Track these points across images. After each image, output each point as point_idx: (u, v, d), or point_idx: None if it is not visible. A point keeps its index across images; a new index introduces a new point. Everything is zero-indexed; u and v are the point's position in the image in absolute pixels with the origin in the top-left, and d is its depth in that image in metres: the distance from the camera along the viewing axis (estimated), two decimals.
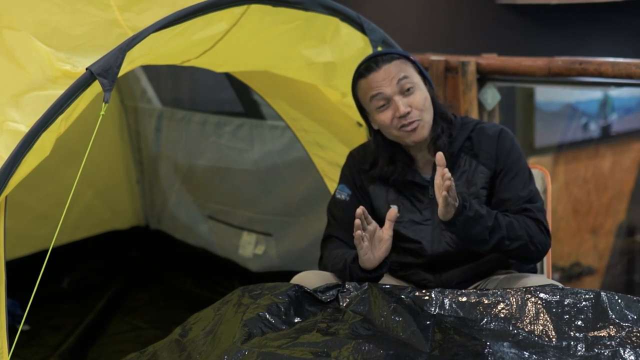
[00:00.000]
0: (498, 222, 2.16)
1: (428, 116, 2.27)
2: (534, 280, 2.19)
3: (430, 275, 2.34)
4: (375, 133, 2.36)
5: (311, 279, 2.26)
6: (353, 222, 2.24)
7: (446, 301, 2.08)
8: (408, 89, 2.25)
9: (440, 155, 2.08)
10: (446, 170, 2.05)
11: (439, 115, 2.31)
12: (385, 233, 2.16)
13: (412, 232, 2.32)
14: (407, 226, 2.33)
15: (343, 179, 2.43)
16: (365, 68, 2.30)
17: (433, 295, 2.10)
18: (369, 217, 2.15)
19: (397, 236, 2.34)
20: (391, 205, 2.29)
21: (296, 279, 2.27)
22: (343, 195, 2.40)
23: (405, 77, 2.25)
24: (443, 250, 2.30)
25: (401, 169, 2.34)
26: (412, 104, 2.24)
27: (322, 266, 2.36)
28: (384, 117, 2.27)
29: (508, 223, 2.17)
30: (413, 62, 2.31)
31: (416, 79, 2.28)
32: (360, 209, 2.11)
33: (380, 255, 2.17)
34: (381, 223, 2.38)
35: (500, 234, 2.15)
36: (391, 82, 2.25)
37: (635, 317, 1.92)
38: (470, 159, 2.31)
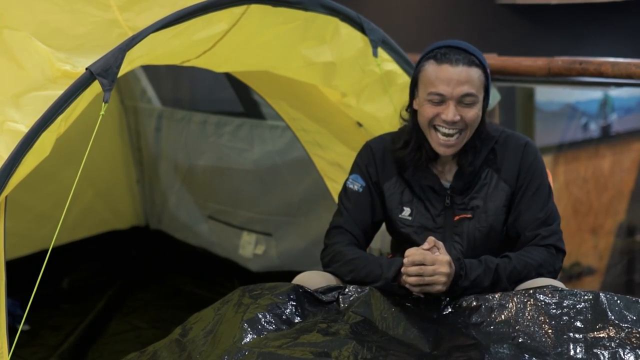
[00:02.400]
0: (498, 275, 2.12)
1: (470, 133, 2.20)
2: (537, 281, 2.17)
3: None
4: (413, 113, 2.27)
5: (313, 279, 2.24)
6: (363, 215, 2.28)
7: (447, 305, 2.09)
8: (467, 103, 2.16)
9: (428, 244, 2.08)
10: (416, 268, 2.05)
11: (477, 132, 2.23)
12: None
13: (422, 239, 2.23)
14: (419, 232, 2.29)
15: (356, 170, 2.36)
16: (444, 54, 2.17)
17: (434, 299, 2.10)
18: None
19: (407, 241, 2.31)
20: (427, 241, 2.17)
21: (298, 279, 2.25)
22: (356, 186, 2.33)
23: (470, 94, 2.15)
24: None
25: (425, 160, 2.26)
26: (463, 117, 2.16)
27: (326, 256, 2.30)
28: (429, 110, 2.18)
29: (510, 273, 2.14)
30: (487, 76, 2.21)
31: (480, 95, 2.18)
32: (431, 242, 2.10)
33: None
34: (392, 223, 2.35)
35: (501, 286, 2.12)
36: (456, 87, 2.14)
37: (634, 317, 1.92)
38: (492, 172, 2.26)
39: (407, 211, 2.31)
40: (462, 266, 2.09)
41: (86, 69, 1.99)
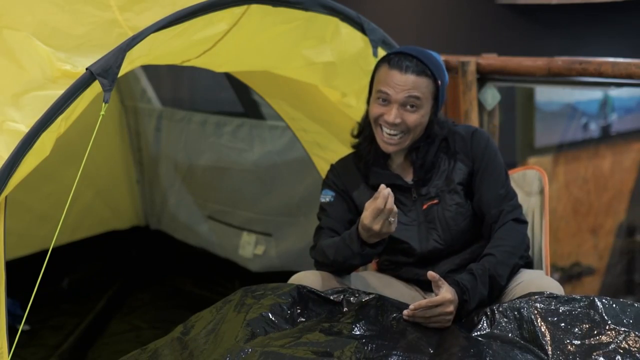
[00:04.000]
0: (494, 280, 2.18)
1: (413, 136, 2.32)
2: (532, 279, 2.21)
3: (422, 270, 2.34)
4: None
5: (309, 278, 2.27)
6: (341, 214, 2.38)
7: None
8: (411, 106, 2.28)
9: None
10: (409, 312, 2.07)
11: (427, 133, 2.35)
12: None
13: (399, 233, 2.31)
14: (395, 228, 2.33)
15: (325, 186, 2.47)
16: (397, 62, 2.30)
17: None
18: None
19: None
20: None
21: (294, 279, 2.28)
22: (327, 198, 2.43)
23: (416, 98, 2.27)
24: (432, 247, 2.34)
25: (380, 156, 2.37)
26: (404, 120, 2.28)
27: (313, 254, 2.37)
28: (376, 110, 2.31)
29: (499, 268, 2.19)
30: (438, 87, 2.32)
31: (427, 104, 2.31)
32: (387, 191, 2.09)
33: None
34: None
35: (498, 286, 2.20)
36: (402, 91, 2.27)
37: (631, 321, 1.91)
38: (448, 158, 2.37)
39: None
40: (464, 291, 2.12)
41: (86, 69, 1.99)
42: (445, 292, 2.07)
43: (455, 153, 2.37)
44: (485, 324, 2.02)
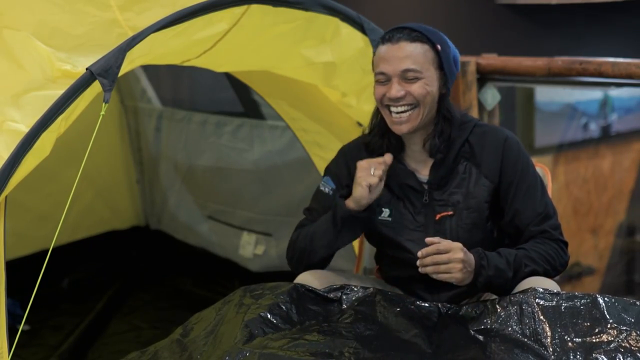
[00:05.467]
0: (519, 264, 2.10)
1: (424, 110, 2.17)
2: (530, 279, 2.13)
3: (428, 295, 2.24)
4: None
5: (314, 278, 2.23)
6: None
7: (449, 308, 2.10)
8: (410, 79, 2.15)
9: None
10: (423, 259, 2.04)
11: (442, 116, 2.21)
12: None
13: (403, 238, 2.23)
14: (399, 232, 2.24)
15: (328, 173, 2.37)
16: (388, 37, 2.19)
17: (435, 307, 2.11)
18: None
19: (389, 244, 2.28)
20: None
21: (300, 279, 2.24)
22: (326, 189, 2.32)
23: (412, 70, 2.15)
24: None
25: (394, 150, 2.25)
26: (409, 91, 2.15)
27: (289, 248, 2.35)
28: (378, 91, 2.20)
29: (526, 259, 2.12)
30: (437, 53, 2.18)
31: (428, 72, 2.17)
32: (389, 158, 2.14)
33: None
34: (372, 226, 2.28)
35: (521, 274, 2.11)
36: (396, 64, 2.15)
37: (632, 320, 1.90)
38: (470, 166, 2.21)
39: (386, 212, 2.26)
40: (481, 256, 2.07)
41: (87, 69, 2.00)
42: (453, 242, 2.03)
43: (479, 164, 2.20)
44: (485, 319, 2.01)
